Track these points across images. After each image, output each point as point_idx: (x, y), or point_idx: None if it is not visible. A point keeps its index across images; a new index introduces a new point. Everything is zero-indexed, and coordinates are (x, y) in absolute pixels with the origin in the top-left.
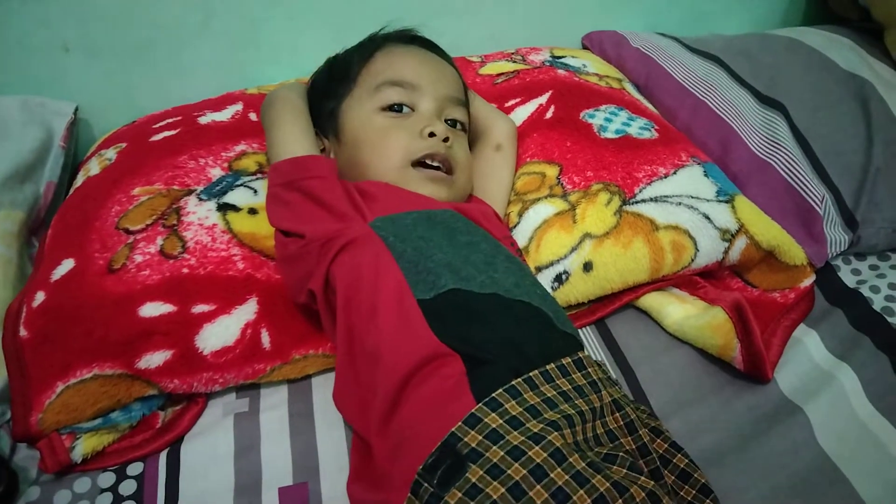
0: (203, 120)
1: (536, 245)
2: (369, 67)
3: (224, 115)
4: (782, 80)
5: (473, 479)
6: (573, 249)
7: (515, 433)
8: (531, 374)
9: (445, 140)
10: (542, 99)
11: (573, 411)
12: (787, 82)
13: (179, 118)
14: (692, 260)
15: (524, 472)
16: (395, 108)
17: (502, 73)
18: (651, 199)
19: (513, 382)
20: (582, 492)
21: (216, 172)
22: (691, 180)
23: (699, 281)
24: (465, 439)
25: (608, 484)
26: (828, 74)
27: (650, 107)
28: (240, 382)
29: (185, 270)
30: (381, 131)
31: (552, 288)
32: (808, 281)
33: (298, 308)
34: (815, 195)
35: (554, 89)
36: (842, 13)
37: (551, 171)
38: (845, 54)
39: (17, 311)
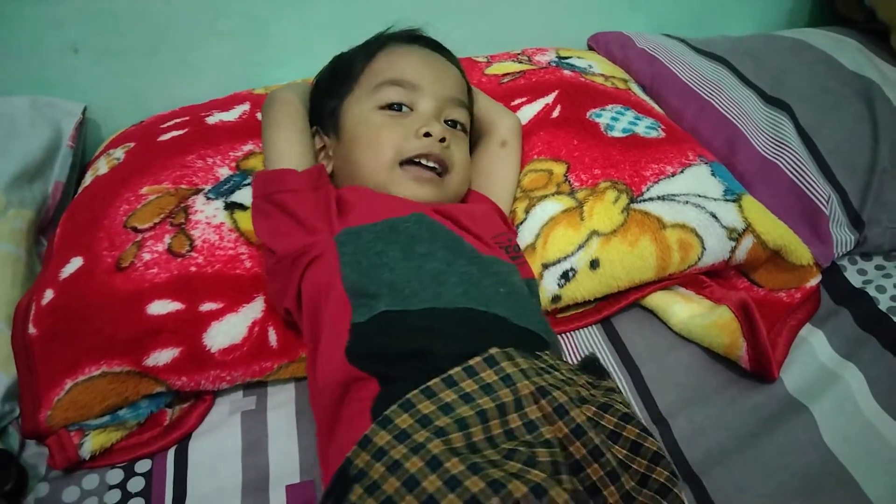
0: (211, 120)
1: (543, 242)
2: (371, 67)
3: (231, 115)
4: (788, 80)
5: (353, 500)
6: (580, 247)
7: (399, 447)
8: (430, 382)
9: (442, 140)
10: (549, 98)
11: (472, 412)
12: (792, 83)
13: (187, 118)
14: (699, 258)
15: (398, 484)
16: (395, 107)
17: (508, 73)
18: (658, 198)
19: (408, 396)
20: (452, 495)
21: (224, 172)
22: (698, 179)
23: (705, 280)
24: (356, 461)
25: (483, 484)
26: (834, 75)
27: (656, 107)
28: (247, 380)
29: (193, 269)
30: (376, 129)
31: (559, 285)
32: (815, 281)
33: None
34: (821, 195)
35: (560, 89)
36: (848, 14)
37: (558, 169)
38: (851, 55)
39: (27, 308)
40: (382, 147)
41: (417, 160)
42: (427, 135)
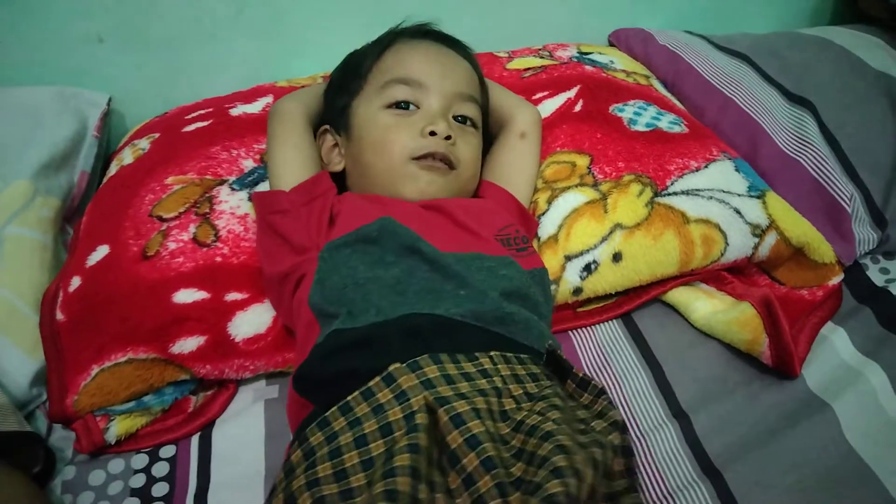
0: (234, 112)
1: (566, 233)
2: (379, 64)
3: (255, 108)
4: (811, 78)
5: None
6: (603, 239)
7: (288, 488)
8: (328, 412)
9: (448, 138)
10: (571, 93)
11: (350, 439)
12: (815, 80)
13: (211, 110)
14: (722, 254)
15: None
16: (402, 105)
17: (530, 68)
18: (683, 192)
19: (306, 430)
20: None
21: (248, 164)
22: (723, 175)
23: (727, 276)
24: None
25: None
26: (857, 73)
27: (678, 103)
28: (270, 370)
29: (219, 259)
30: (383, 130)
31: (581, 277)
32: (837, 279)
33: None
34: (843, 193)
35: (582, 84)
36: (871, 12)
37: (582, 161)
38: (875, 53)
39: (54, 295)
40: (388, 147)
41: (423, 159)
42: (432, 133)
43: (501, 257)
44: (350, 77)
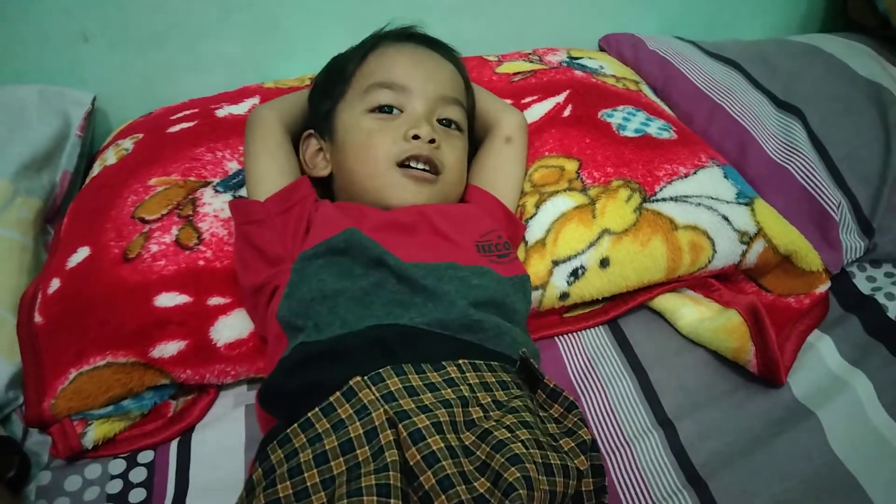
0: (220, 113)
1: (554, 238)
2: (362, 68)
3: (241, 109)
4: (800, 85)
5: None
6: (591, 245)
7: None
8: (289, 429)
9: (432, 141)
10: (560, 98)
11: (310, 457)
12: (804, 88)
13: (196, 110)
14: (709, 261)
15: None
16: (385, 109)
17: (519, 73)
18: (671, 199)
19: (267, 448)
20: None
21: (233, 166)
22: (711, 181)
23: (714, 283)
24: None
25: None
26: (846, 81)
27: (667, 109)
28: (251, 376)
29: (202, 262)
30: (366, 134)
31: (568, 282)
32: (824, 287)
33: None
34: (831, 201)
35: (571, 89)
36: (861, 20)
37: (570, 166)
38: (864, 61)
39: (33, 297)
40: (371, 152)
41: (407, 163)
42: (416, 137)
43: (476, 266)
44: (333, 81)
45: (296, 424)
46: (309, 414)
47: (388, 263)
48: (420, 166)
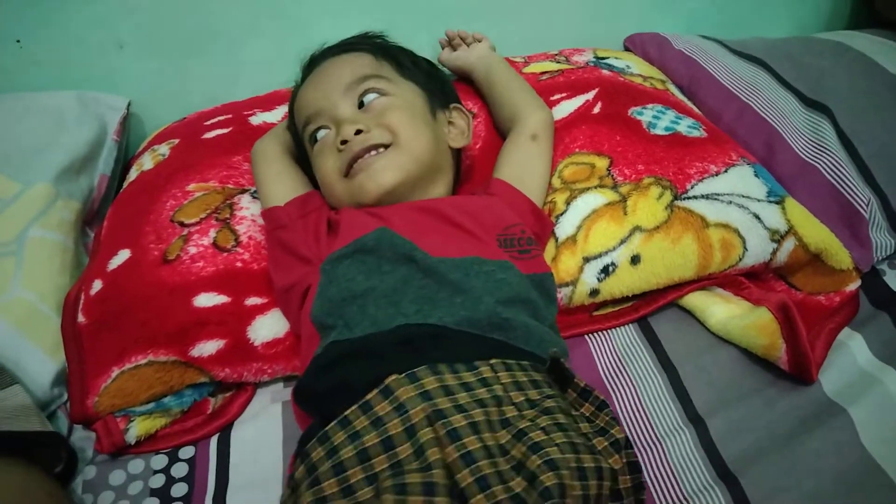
0: (254, 120)
1: (585, 235)
2: (297, 123)
3: (275, 117)
4: (828, 83)
5: None
6: (622, 241)
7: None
8: (328, 427)
9: (358, 133)
10: (589, 95)
11: (352, 453)
12: (832, 85)
13: (230, 116)
14: (740, 259)
15: None
16: (317, 136)
17: (546, 72)
18: (702, 196)
19: (306, 447)
20: None
21: None
22: (742, 179)
23: (744, 282)
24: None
25: None
26: (874, 78)
27: (695, 108)
28: (288, 374)
29: (239, 264)
30: (318, 167)
31: (598, 279)
32: (854, 285)
33: None
34: (860, 199)
35: (600, 87)
36: (888, 16)
37: (601, 163)
38: (892, 58)
39: (76, 298)
40: (327, 181)
41: (350, 171)
42: (344, 142)
43: (500, 261)
44: (296, 141)
45: (334, 422)
46: (346, 412)
47: (416, 258)
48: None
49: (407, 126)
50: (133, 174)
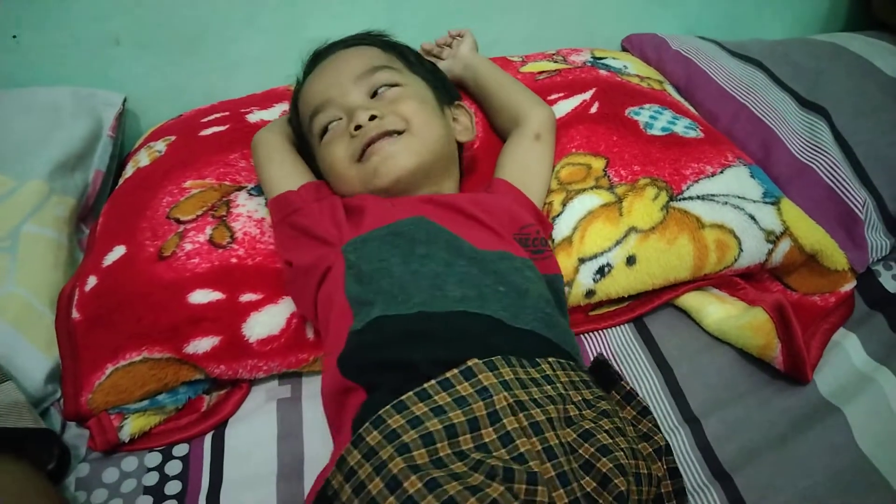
0: (252, 118)
1: (581, 236)
2: (299, 115)
3: (272, 115)
4: (824, 84)
5: None
6: (618, 242)
7: (366, 465)
8: (404, 396)
9: (372, 119)
10: (586, 95)
11: (439, 426)
12: (829, 87)
13: (227, 113)
14: (735, 260)
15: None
16: (328, 128)
17: (544, 72)
18: (698, 197)
19: (380, 412)
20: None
21: None
22: (738, 180)
23: (739, 282)
24: (332, 482)
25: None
26: (871, 79)
27: (692, 109)
28: (283, 370)
29: (234, 260)
30: (328, 162)
31: (594, 280)
32: (849, 286)
33: None
34: (856, 200)
35: (597, 87)
36: (885, 19)
37: (597, 164)
38: (889, 59)
39: (70, 294)
40: (340, 173)
41: (363, 155)
42: (358, 127)
43: (525, 259)
44: (301, 138)
45: (411, 393)
46: (426, 385)
47: (457, 245)
48: (376, 145)
49: (420, 115)
50: (129, 170)
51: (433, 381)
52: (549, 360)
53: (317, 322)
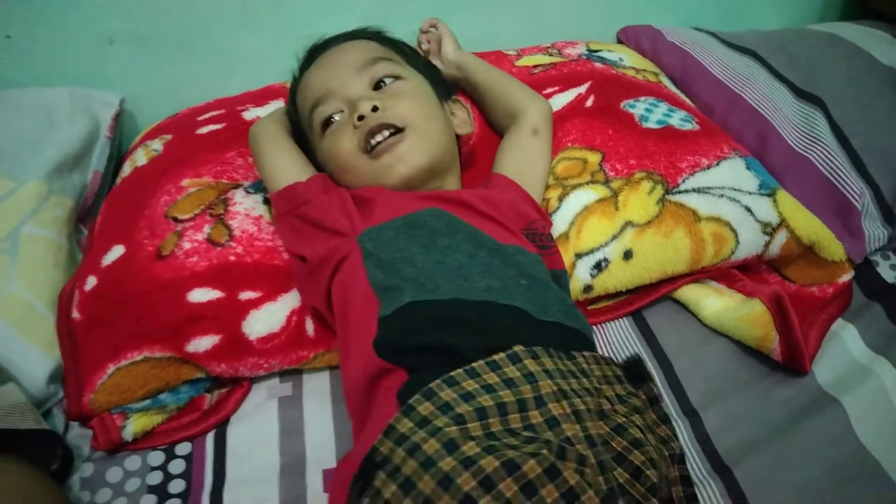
0: (248, 116)
1: (577, 231)
2: (299, 109)
3: (267, 112)
4: (820, 74)
5: (377, 485)
6: (614, 237)
7: (420, 432)
8: (454, 373)
9: (374, 110)
10: (582, 88)
11: (492, 402)
12: (825, 77)
13: (223, 111)
14: (732, 252)
15: (416, 465)
16: (330, 121)
17: (539, 65)
18: (694, 190)
19: (431, 385)
20: (467, 474)
21: None
22: (734, 172)
23: (737, 274)
24: (381, 449)
25: (497, 463)
26: (867, 69)
27: (688, 101)
28: (284, 368)
29: (232, 258)
30: (332, 154)
31: (591, 275)
32: (847, 277)
33: None
34: (853, 190)
35: (593, 80)
36: (881, 8)
37: (593, 158)
38: (885, 49)
39: (70, 294)
40: (345, 163)
41: (371, 145)
42: (361, 118)
43: (535, 254)
44: (299, 129)
45: (460, 370)
46: (474, 364)
47: (478, 237)
48: (380, 138)
49: (423, 108)
50: (126, 170)
51: (482, 362)
52: (585, 353)
53: (328, 312)
